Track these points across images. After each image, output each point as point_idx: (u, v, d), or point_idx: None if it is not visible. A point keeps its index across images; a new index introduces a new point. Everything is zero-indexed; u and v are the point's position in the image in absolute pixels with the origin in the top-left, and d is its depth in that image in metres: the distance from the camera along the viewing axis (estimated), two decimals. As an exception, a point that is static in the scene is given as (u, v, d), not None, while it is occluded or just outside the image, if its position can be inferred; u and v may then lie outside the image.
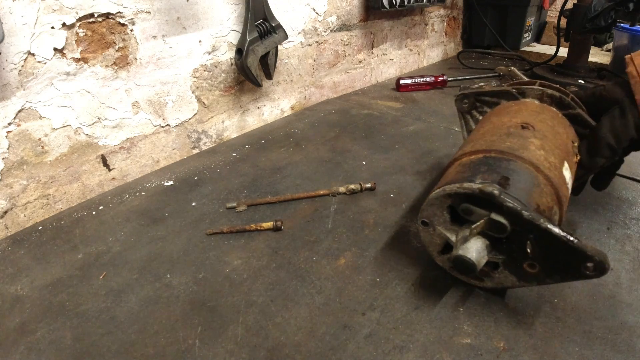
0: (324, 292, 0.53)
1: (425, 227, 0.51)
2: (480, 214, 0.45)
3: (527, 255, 0.45)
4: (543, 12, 1.98)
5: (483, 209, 0.45)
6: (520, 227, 0.43)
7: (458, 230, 0.49)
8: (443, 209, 0.49)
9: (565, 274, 0.44)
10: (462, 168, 0.50)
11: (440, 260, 0.53)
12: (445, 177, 0.52)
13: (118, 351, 0.46)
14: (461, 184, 0.46)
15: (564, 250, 0.42)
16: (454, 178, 0.49)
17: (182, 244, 0.63)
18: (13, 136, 0.66)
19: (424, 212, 0.50)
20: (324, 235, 0.64)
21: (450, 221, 0.49)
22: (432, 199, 0.49)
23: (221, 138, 1.00)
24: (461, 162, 0.53)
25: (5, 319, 0.51)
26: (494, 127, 0.57)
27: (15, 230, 0.69)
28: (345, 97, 1.32)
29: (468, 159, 0.52)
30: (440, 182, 0.51)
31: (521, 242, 0.45)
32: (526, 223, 0.43)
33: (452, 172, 0.52)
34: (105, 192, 0.80)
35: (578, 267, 0.42)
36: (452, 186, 0.46)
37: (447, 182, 0.48)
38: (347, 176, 0.82)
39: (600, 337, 0.46)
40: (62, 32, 0.66)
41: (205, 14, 0.86)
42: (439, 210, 0.49)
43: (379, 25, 1.40)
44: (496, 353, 0.44)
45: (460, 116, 0.72)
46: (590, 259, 0.41)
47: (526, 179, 0.47)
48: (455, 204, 0.47)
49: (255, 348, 0.46)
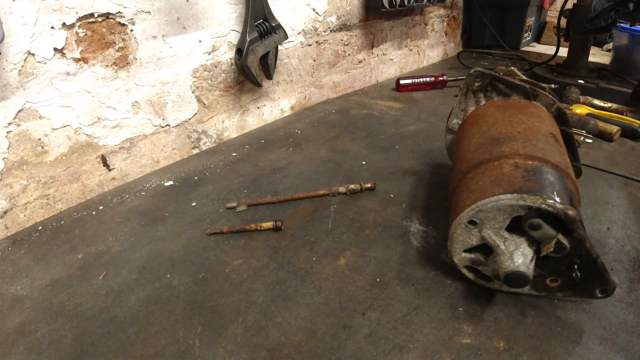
0: (324, 292, 0.53)
1: (470, 227, 0.48)
2: (548, 234, 0.44)
3: (557, 272, 0.48)
4: (543, 12, 1.98)
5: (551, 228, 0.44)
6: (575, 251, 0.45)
7: (507, 238, 0.47)
8: (508, 217, 0.46)
9: (579, 291, 0.49)
10: (525, 174, 0.48)
11: (459, 257, 0.51)
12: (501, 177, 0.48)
13: (118, 351, 0.46)
14: (545, 200, 0.43)
15: (591, 275, 0.46)
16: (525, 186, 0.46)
17: (182, 244, 0.63)
18: (13, 136, 0.66)
19: (483, 213, 0.47)
20: (324, 235, 0.64)
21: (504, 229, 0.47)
22: (502, 204, 0.45)
23: (221, 138, 1.00)
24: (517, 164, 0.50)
25: (5, 319, 0.51)
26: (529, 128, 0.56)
27: (15, 230, 0.69)
28: (345, 97, 1.32)
29: (525, 162, 0.49)
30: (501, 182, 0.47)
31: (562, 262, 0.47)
32: (583, 250, 0.45)
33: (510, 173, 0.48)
34: (105, 192, 0.80)
35: (593, 289, 0.47)
36: (535, 199, 0.44)
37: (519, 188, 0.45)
38: (347, 176, 0.82)
39: (600, 337, 0.46)
40: (62, 32, 0.66)
41: (205, 14, 0.86)
42: (502, 216, 0.46)
43: (379, 25, 1.40)
44: (496, 353, 0.44)
45: (462, 92, 0.69)
46: (608, 286, 0.47)
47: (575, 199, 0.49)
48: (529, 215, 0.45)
49: (255, 348, 0.45)
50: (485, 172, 0.51)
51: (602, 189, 0.74)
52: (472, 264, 0.51)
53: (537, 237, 0.45)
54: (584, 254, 0.45)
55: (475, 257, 0.50)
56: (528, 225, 0.45)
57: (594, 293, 0.48)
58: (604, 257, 0.57)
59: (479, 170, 0.52)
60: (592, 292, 0.48)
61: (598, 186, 0.75)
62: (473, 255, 0.50)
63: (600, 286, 0.47)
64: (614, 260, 0.57)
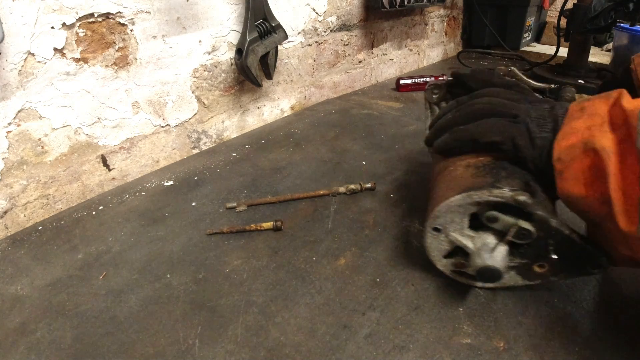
0: (324, 292, 0.53)
1: (436, 234, 0.49)
2: (506, 222, 0.44)
3: (542, 258, 0.47)
4: (543, 12, 1.98)
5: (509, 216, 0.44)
6: (544, 233, 0.44)
7: (474, 236, 0.47)
8: (464, 216, 0.46)
9: (572, 272, 0.47)
10: (477, 171, 0.48)
11: (442, 264, 0.52)
12: (455, 179, 0.49)
13: (118, 351, 0.46)
14: (490, 191, 0.44)
15: (577, 253, 0.45)
16: (473, 182, 0.46)
17: (182, 244, 0.63)
18: (13, 136, 0.66)
19: (440, 218, 0.47)
20: (324, 235, 0.64)
21: (467, 227, 0.47)
22: (453, 206, 0.46)
23: (221, 138, 1.00)
24: (469, 163, 0.50)
25: (5, 319, 0.51)
26: None
27: (15, 230, 0.69)
28: (345, 97, 1.32)
29: (478, 160, 0.50)
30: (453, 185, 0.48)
31: (539, 247, 0.46)
32: (552, 230, 0.44)
33: (464, 174, 0.49)
34: (105, 192, 0.80)
35: (584, 266, 0.46)
36: (481, 193, 0.44)
37: (467, 187, 0.46)
38: (347, 176, 0.82)
39: (600, 337, 0.46)
40: (62, 32, 0.66)
41: (205, 14, 0.86)
42: (458, 217, 0.47)
43: (379, 25, 1.40)
44: (496, 353, 0.44)
45: (427, 106, 0.70)
46: (597, 259, 0.45)
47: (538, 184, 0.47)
48: (481, 210, 0.45)
49: (255, 348, 0.46)
50: (442, 179, 0.52)
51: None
52: (457, 268, 0.51)
53: (500, 228, 0.45)
54: (554, 233, 0.44)
55: (456, 261, 0.51)
56: (486, 219, 0.45)
57: (587, 270, 0.46)
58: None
59: (438, 178, 0.53)
60: (586, 269, 0.46)
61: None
62: (454, 259, 0.51)
63: (590, 261, 0.45)
64: (614, 260, 0.57)
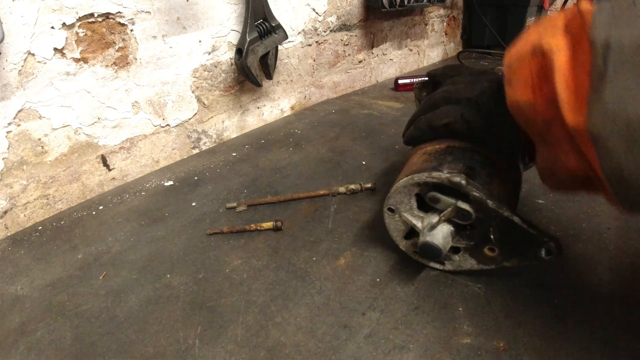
0: (324, 292, 0.53)
1: (391, 214, 0.53)
2: (447, 202, 0.47)
3: (489, 240, 0.48)
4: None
5: (450, 197, 0.47)
6: (484, 215, 0.46)
7: (424, 217, 0.50)
8: (410, 197, 0.50)
9: (522, 257, 0.47)
10: (427, 157, 0.52)
11: (403, 245, 0.55)
12: (410, 165, 0.53)
13: (118, 351, 0.46)
14: (429, 173, 0.47)
15: (522, 236, 0.46)
16: (421, 167, 0.50)
17: (182, 244, 0.63)
18: (13, 136, 0.66)
19: (391, 199, 0.51)
20: (324, 235, 0.64)
21: (416, 208, 0.51)
22: (400, 187, 0.50)
23: (221, 138, 1.00)
24: (426, 150, 0.54)
25: (5, 319, 0.51)
26: None
27: (15, 230, 0.69)
28: (345, 97, 1.32)
29: (433, 148, 0.54)
30: (406, 170, 0.52)
31: (483, 229, 0.47)
32: (490, 211, 0.45)
33: (417, 160, 0.53)
34: (105, 192, 0.80)
35: (534, 251, 0.46)
36: (420, 175, 0.48)
37: (414, 170, 0.50)
38: (347, 176, 0.82)
39: (600, 337, 0.46)
40: (62, 32, 0.66)
41: (205, 14, 0.86)
42: (406, 197, 0.50)
43: (379, 25, 1.40)
44: (496, 353, 0.44)
45: (416, 104, 0.73)
46: (545, 244, 0.45)
47: (486, 169, 0.49)
48: (423, 192, 0.49)
49: (255, 348, 0.45)
50: (404, 167, 0.56)
51: (602, 189, 0.74)
52: (416, 249, 0.53)
53: (441, 209, 0.48)
54: (493, 215, 0.45)
55: (414, 242, 0.53)
56: (429, 200, 0.48)
57: (539, 255, 0.45)
58: (603, 257, 0.57)
59: (402, 167, 0.57)
60: (537, 255, 0.45)
61: (598, 186, 0.75)
62: (412, 240, 0.54)
63: (539, 246, 0.45)
64: (614, 260, 0.57)
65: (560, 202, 0.69)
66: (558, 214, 0.66)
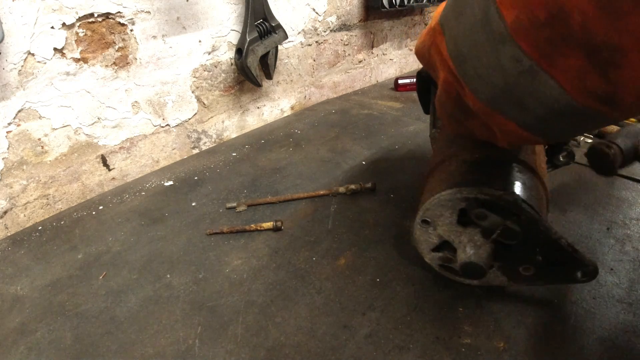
0: (324, 292, 0.53)
1: (425, 226, 0.50)
2: (495, 221, 0.44)
3: (527, 260, 0.46)
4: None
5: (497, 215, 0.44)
6: (531, 235, 0.44)
7: (462, 231, 0.47)
8: (454, 211, 0.47)
9: (557, 277, 0.47)
10: (470, 167, 0.49)
11: (430, 258, 0.52)
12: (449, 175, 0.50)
13: (118, 351, 0.46)
14: (481, 189, 0.44)
15: (563, 258, 0.45)
16: (465, 179, 0.47)
17: (182, 244, 0.63)
18: (13, 136, 0.66)
19: (430, 211, 0.48)
20: (324, 235, 0.64)
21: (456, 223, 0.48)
22: (443, 200, 0.47)
23: (221, 138, 1.00)
24: (465, 159, 0.51)
25: (5, 319, 0.51)
26: None
27: (15, 230, 0.69)
28: (345, 97, 1.32)
29: (472, 157, 0.51)
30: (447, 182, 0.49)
31: (527, 248, 0.45)
32: (539, 232, 0.44)
33: (458, 170, 0.50)
34: (105, 192, 0.80)
35: (572, 272, 0.46)
36: (471, 190, 0.45)
37: (457, 182, 0.47)
38: (347, 176, 0.82)
39: (600, 337, 0.46)
40: (62, 32, 0.66)
41: (205, 14, 0.86)
42: (447, 211, 0.47)
43: (379, 25, 1.39)
44: (496, 353, 0.44)
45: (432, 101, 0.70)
46: (586, 267, 0.45)
47: (531, 185, 0.47)
48: (470, 207, 0.46)
49: (255, 348, 0.45)
50: (437, 173, 0.53)
51: (602, 189, 0.74)
52: (444, 262, 0.51)
53: (487, 226, 0.45)
54: (542, 237, 0.44)
55: (443, 255, 0.51)
56: (474, 216, 0.45)
57: (575, 277, 0.46)
58: (603, 257, 0.57)
59: (433, 172, 0.54)
60: (573, 276, 0.46)
61: (598, 186, 0.75)
62: (441, 253, 0.51)
63: (577, 269, 0.45)
64: (613, 260, 0.57)
65: (560, 202, 0.69)
66: (558, 214, 0.66)
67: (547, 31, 0.28)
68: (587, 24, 0.26)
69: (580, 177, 0.77)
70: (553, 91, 0.31)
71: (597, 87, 0.28)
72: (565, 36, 0.27)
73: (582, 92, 0.29)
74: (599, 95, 0.29)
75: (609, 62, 0.27)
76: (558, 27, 0.27)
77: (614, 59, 0.26)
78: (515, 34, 0.30)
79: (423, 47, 0.46)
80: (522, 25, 0.29)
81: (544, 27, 0.28)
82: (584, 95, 0.30)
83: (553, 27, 0.28)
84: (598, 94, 0.29)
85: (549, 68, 0.30)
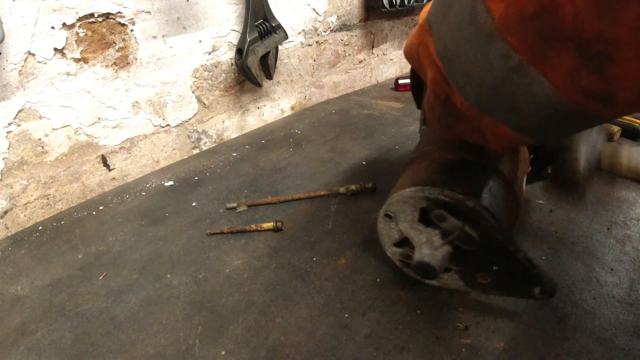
0: (324, 292, 0.53)
1: (387, 220, 0.50)
2: (453, 224, 0.44)
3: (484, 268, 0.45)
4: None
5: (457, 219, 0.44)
6: (489, 244, 0.43)
7: (422, 230, 0.47)
8: (415, 209, 0.47)
9: (514, 290, 0.46)
10: (438, 167, 0.48)
11: (391, 252, 0.52)
12: (417, 172, 0.50)
13: (118, 351, 0.46)
14: (442, 191, 0.44)
15: (521, 272, 0.44)
16: (430, 178, 0.47)
17: (182, 244, 0.63)
18: (13, 136, 0.66)
19: (392, 206, 0.48)
20: (324, 235, 0.64)
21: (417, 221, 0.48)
22: (405, 197, 0.47)
23: (221, 138, 1.00)
24: (436, 159, 0.50)
25: (5, 319, 0.51)
26: None
27: (15, 230, 0.69)
28: (345, 97, 1.32)
29: (445, 158, 0.50)
30: (413, 176, 0.49)
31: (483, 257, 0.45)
32: (497, 243, 0.43)
33: (426, 169, 0.49)
34: (106, 192, 0.80)
35: (529, 288, 0.45)
36: (433, 190, 0.44)
37: (422, 180, 0.46)
38: (347, 176, 0.82)
39: (600, 337, 0.46)
40: (62, 32, 0.66)
41: (205, 14, 0.86)
42: (409, 208, 0.47)
43: (379, 25, 1.39)
44: (496, 353, 0.44)
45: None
46: (544, 284, 0.44)
47: (498, 194, 0.46)
48: (430, 207, 0.45)
49: (255, 348, 0.45)
50: (408, 169, 0.52)
51: (602, 189, 0.74)
52: (404, 259, 0.51)
53: (446, 228, 0.45)
54: (498, 246, 0.43)
55: (404, 251, 0.51)
56: (435, 217, 0.45)
57: (532, 293, 0.45)
58: (604, 257, 0.57)
59: (407, 167, 0.54)
60: (531, 293, 0.45)
61: (598, 186, 0.75)
62: (402, 249, 0.51)
63: (535, 285, 0.44)
64: (614, 260, 0.57)
65: (560, 202, 0.69)
66: (558, 214, 0.66)
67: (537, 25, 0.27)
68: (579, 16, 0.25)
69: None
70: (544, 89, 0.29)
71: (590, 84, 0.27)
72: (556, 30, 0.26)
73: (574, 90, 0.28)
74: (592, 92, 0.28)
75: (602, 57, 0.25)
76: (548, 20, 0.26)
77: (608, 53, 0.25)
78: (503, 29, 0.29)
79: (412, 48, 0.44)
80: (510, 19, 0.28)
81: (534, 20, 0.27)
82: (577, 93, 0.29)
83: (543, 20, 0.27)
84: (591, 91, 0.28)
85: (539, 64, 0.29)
